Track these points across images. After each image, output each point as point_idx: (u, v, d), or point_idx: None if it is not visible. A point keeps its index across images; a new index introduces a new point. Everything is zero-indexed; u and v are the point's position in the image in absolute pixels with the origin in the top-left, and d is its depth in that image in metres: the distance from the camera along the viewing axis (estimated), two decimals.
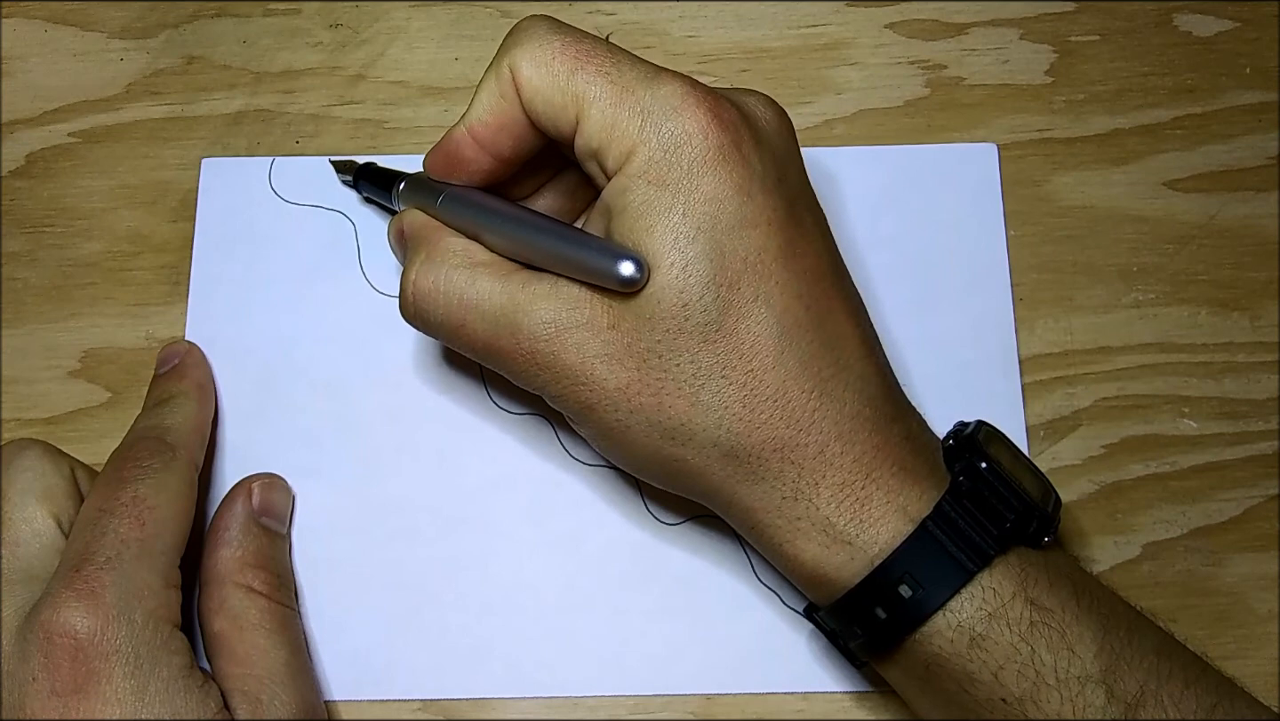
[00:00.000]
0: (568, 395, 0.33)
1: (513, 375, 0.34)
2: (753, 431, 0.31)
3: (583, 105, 0.32)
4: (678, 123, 0.32)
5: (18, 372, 0.42)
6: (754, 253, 0.32)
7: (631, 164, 0.32)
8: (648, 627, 0.39)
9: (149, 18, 0.46)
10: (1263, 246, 0.43)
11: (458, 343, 0.35)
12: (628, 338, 0.32)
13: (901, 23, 0.46)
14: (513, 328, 0.33)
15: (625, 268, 0.31)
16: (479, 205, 0.35)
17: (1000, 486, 0.32)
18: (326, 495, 0.40)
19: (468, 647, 0.39)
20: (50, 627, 0.32)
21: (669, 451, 0.32)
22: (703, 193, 0.31)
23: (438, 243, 0.35)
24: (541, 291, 0.33)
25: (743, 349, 0.31)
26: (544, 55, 0.33)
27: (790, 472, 0.32)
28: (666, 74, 0.33)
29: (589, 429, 0.34)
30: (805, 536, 0.32)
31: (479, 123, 0.34)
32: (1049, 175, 0.44)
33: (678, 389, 0.32)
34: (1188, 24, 0.45)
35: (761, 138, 0.33)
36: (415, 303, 0.35)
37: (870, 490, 0.32)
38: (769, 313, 0.31)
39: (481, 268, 0.34)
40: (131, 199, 0.44)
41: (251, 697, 0.34)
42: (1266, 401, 0.41)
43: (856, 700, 0.38)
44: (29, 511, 0.35)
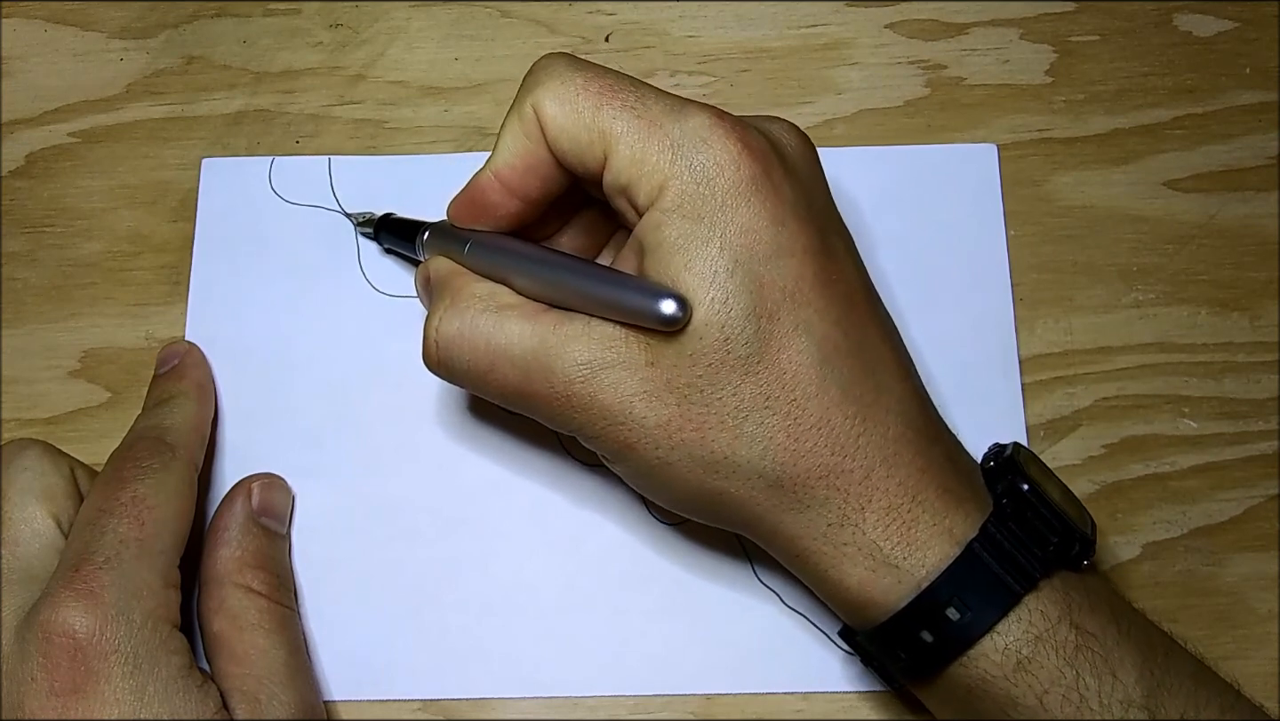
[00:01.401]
0: (606, 435, 0.32)
1: (546, 418, 0.34)
2: (798, 460, 0.31)
3: (610, 141, 0.32)
4: (708, 154, 0.31)
5: (18, 372, 0.42)
6: (791, 281, 0.31)
7: (664, 198, 0.31)
8: (648, 627, 0.39)
9: (149, 18, 0.46)
10: (1263, 246, 0.43)
11: (486, 389, 0.34)
12: (667, 374, 0.31)
13: (901, 23, 0.46)
14: (546, 371, 0.32)
15: (667, 306, 0.30)
16: (507, 250, 0.34)
17: (1043, 509, 0.32)
18: (326, 495, 0.40)
19: (468, 647, 0.39)
20: (49, 627, 0.32)
21: (712, 485, 0.32)
22: (738, 224, 0.31)
23: (462, 288, 0.34)
24: (574, 332, 0.32)
25: (785, 378, 0.31)
26: (567, 92, 0.32)
27: (836, 499, 0.31)
28: (693, 105, 0.32)
29: (627, 467, 0.33)
30: (851, 561, 0.32)
31: (505, 166, 0.34)
32: (1049, 175, 0.44)
33: (720, 422, 0.31)
34: (1188, 24, 0.45)
35: (790, 165, 0.33)
36: (440, 350, 0.34)
37: (916, 513, 0.31)
38: (809, 341, 0.31)
39: (509, 310, 0.33)
40: (131, 199, 0.44)
41: (250, 697, 0.34)
42: (1266, 401, 0.41)
43: (857, 700, 0.38)
44: (29, 511, 0.35)
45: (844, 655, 0.38)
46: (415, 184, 0.44)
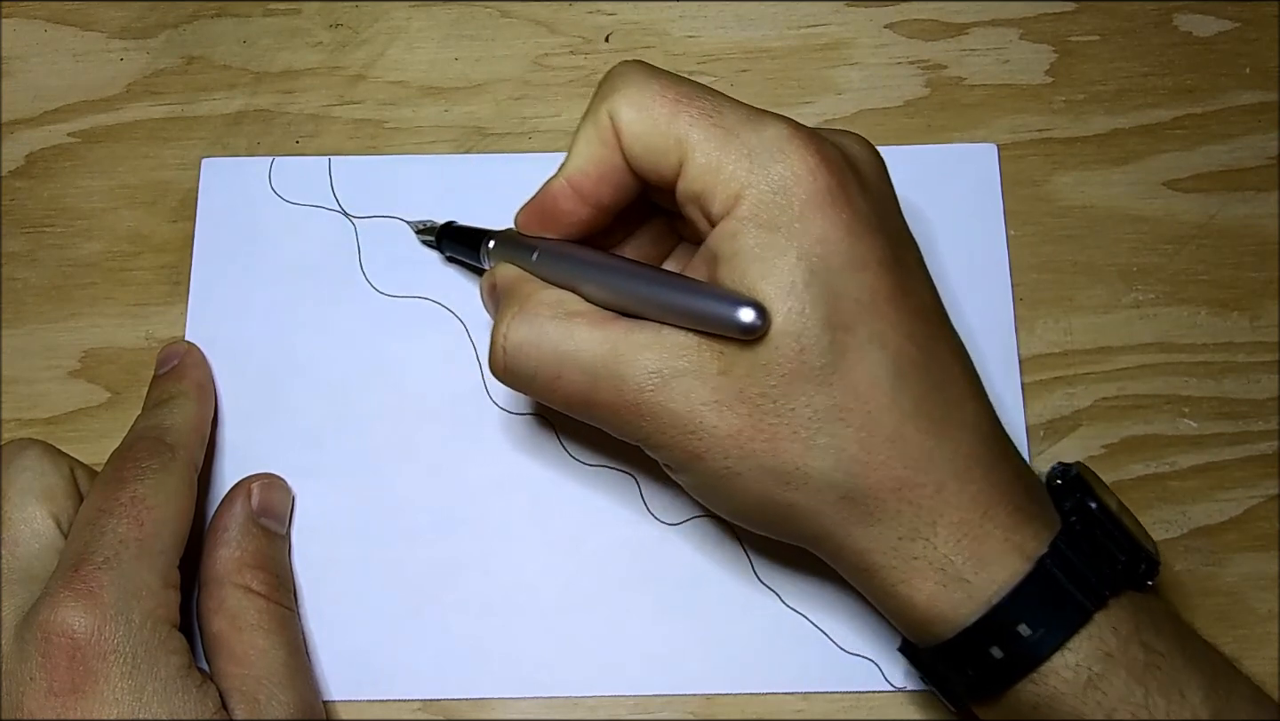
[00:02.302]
0: (674, 444, 0.32)
1: (612, 426, 0.33)
2: (870, 472, 0.31)
3: (686, 149, 0.32)
4: (785, 165, 0.31)
5: (18, 372, 0.42)
6: (866, 294, 0.31)
7: (740, 207, 0.31)
8: (648, 627, 0.39)
9: (149, 18, 0.46)
10: (1262, 246, 0.43)
11: (553, 396, 0.34)
12: (739, 383, 0.31)
13: (901, 23, 0.46)
14: (615, 378, 0.32)
15: (746, 314, 0.30)
16: (577, 257, 0.34)
17: (1111, 527, 0.32)
18: (326, 495, 0.40)
19: (468, 648, 0.39)
20: (48, 627, 0.32)
21: (781, 496, 0.32)
22: (814, 235, 0.31)
23: (530, 294, 0.34)
24: (644, 340, 0.32)
25: (859, 390, 0.31)
26: (644, 99, 0.32)
27: (907, 512, 0.31)
28: (769, 115, 0.32)
29: (694, 477, 0.33)
30: (921, 576, 0.31)
31: (579, 172, 0.34)
32: (1049, 175, 0.44)
33: (793, 433, 0.31)
34: (1188, 24, 0.45)
35: (863, 178, 0.33)
36: (507, 356, 0.34)
37: (988, 528, 0.31)
38: (883, 354, 0.31)
39: (578, 317, 0.33)
40: (131, 199, 0.44)
41: (250, 697, 0.34)
42: (1266, 401, 0.41)
43: (856, 700, 0.38)
44: (28, 511, 0.35)
45: (844, 655, 0.38)
46: (415, 184, 0.44)
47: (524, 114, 0.45)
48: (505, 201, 0.43)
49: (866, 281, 0.31)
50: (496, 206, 0.43)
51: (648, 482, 0.40)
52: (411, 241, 0.43)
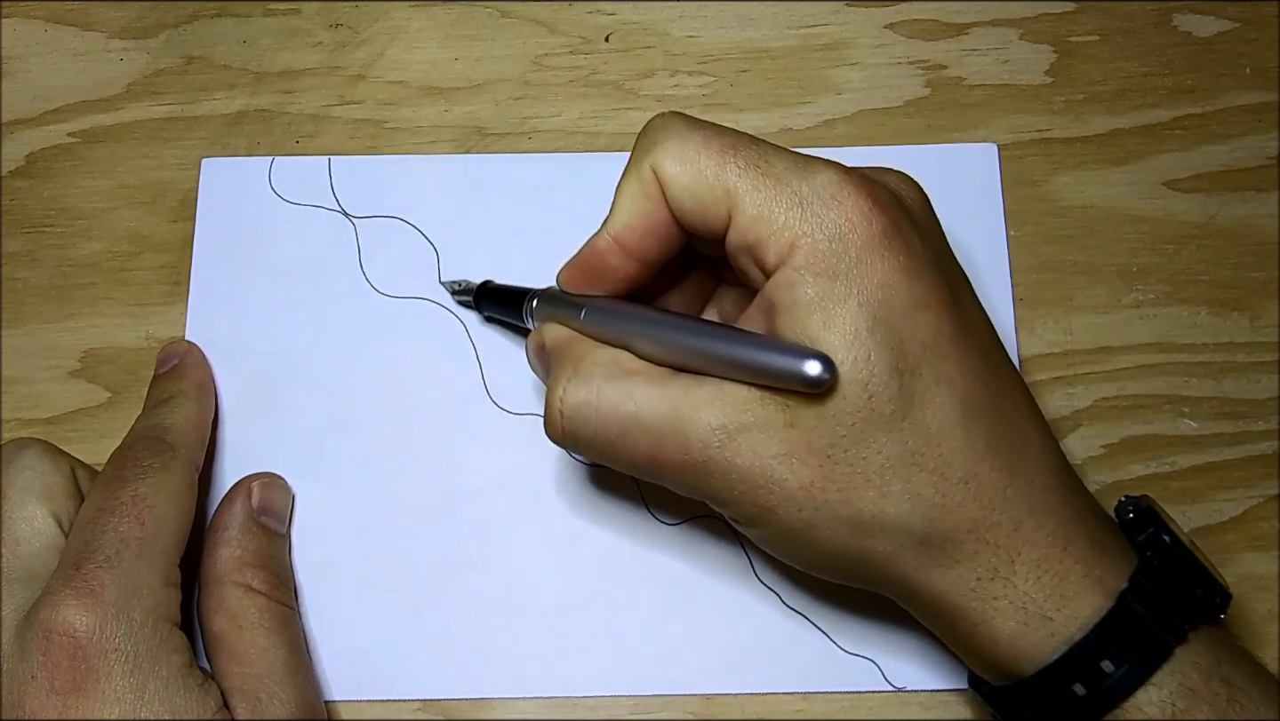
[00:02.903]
0: (745, 499, 0.31)
1: (678, 485, 0.33)
2: (947, 515, 0.30)
3: (735, 199, 0.31)
4: (839, 210, 0.31)
5: (18, 372, 0.42)
6: (930, 335, 0.31)
7: (796, 256, 0.31)
8: (647, 627, 0.39)
9: (149, 18, 0.46)
10: (1262, 246, 0.43)
11: (615, 458, 0.33)
12: (807, 435, 0.30)
13: (901, 23, 0.46)
14: (680, 437, 0.31)
15: (812, 367, 0.29)
16: (628, 314, 0.33)
17: (1186, 561, 0.32)
18: (326, 495, 0.40)
19: (468, 647, 0.39)
20: (49, 626, 0.32)
21: (857, 545, 0.31)
22: (874, 279, 0.30)
23: (584, 355, 0.33)
24: (706, 396, 0.31)
25: (930, 433, 0.30)
26: (688, 152, 0.32)
27: (985, 552, 0.31)
28: (818, 161, 0.32)
29: (766, 531, 0.32)
30: (1003, 615, 0.31)
31: (624, 228, 0.33)
32: (1049, 175, 0.44)
33: (866, 481, 0.30)
34: (1187, 24, 0.45)
35: (914, 218, 0.32)
36: (565, 420, 0.33)
37: (1068, 564, 0.31)
38: (951, 394, 0.31)
39: (636, 376, 0.32)
40: (131, 199, 0.44)
41: (251, 696, 0.34)
42: (1266, 401, 0.41)
43: (856, 700, 0.38)
44: (29, 510, 0.35)
45: (844, 655, 0.38)
46: (415, 184, 0.44)
47: (524, 114, 0.45)
48: (505, 201, 0.43)
49: (929, 323, 0.31)
50: (497, 206, 0.43)
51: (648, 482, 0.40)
52: (411, 241, 0.43)
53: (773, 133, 0.44)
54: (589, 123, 0.45)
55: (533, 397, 0.41)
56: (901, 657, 0.38)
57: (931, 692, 0.38)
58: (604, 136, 0.44)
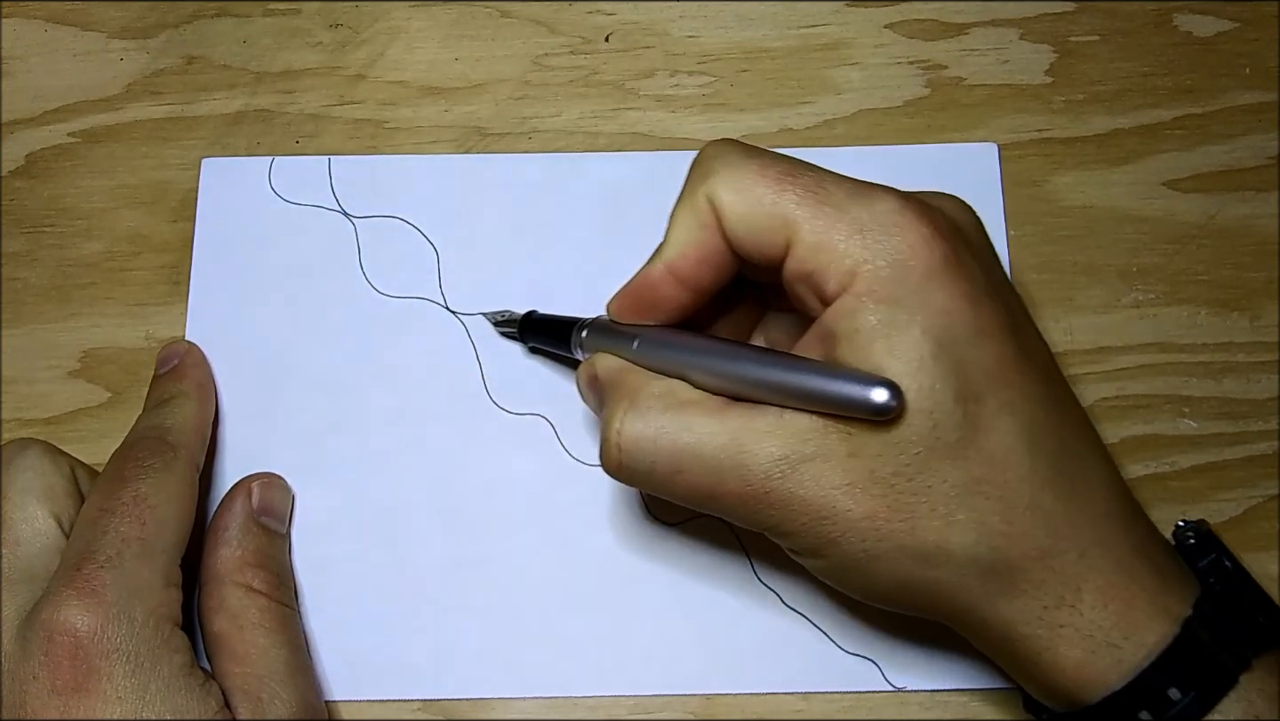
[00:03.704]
0: (806, 531, 0.31)
1: (738, 517, 0.32)
2: (1013, 544, 0.30)
3: (794, 227, 0.31)
4: (900, 237, 0.30)
5: (18, 373, 0.42)
6: (993, 362, 0.30)
7: (856, 284, 0.30)
8: (647, 627, 0.39)
9: (149, 17, 0.46)
10: (1262, 246, 0.43)
11: (672, 490, 0.32)
12: (871, 464, 0.30)
13: (901, 23, 0.46)
14: (740, 469, 0.31)
15: (879, 395, 0.29)
16: (682, 344, 0.33)
17: (1248, 587, 0.32)
18: (326, 495, 0.40)
19: (467, 647, 0.39)
20: (51, 626, 0.32)
21: (921, 575, 0.31)
22: (936, 307, 0.30)
23: (640, 387, 0.33)
24: (766, 426, 0.31)
25: (995, 461, 0.30)
26: (744, 180, 0.31)
27: (1051, 580, 0.30)
28: (876, 188, 0.31)
29: (828, 562, 0.32)
30: (1069, 643, 0.31)
31: (680, 257, 0.33)
32: (1049, 175, 0.44)
33: (931, 510, 0.30)
34: (1187, 24, 0.45)
35: (971, 243, 0.32)
36: (622, 454, 0.32)
37: (1134, 591, 0.30)
38: (1015, 421, 0.30)
39: (692, 407, 0.32)
40: (131, 199, 0.44)
41: (252, 696, 0.34)
42: (1266, 401, 0.41)
43: (856, 700, 0.38)
44: (30, 511, 0.35)
45: (844, 655, 0.38)
46: (415, 184, 0.44)
47: (524, 114, 0.45)
48: (505, 201, 0.44)
49: (991, 350, 0.30)
50: (497, 206, 0.43)
51: None
52: (411, 241, 0.43)
53: (772, 132, 0.44)
54: (589, 122, 0.45)
55: (532, 397, 0.41)
56: (902, 658, 0.38)
57: (931, 692, 0.38)
58: (604, 136, 0.44)
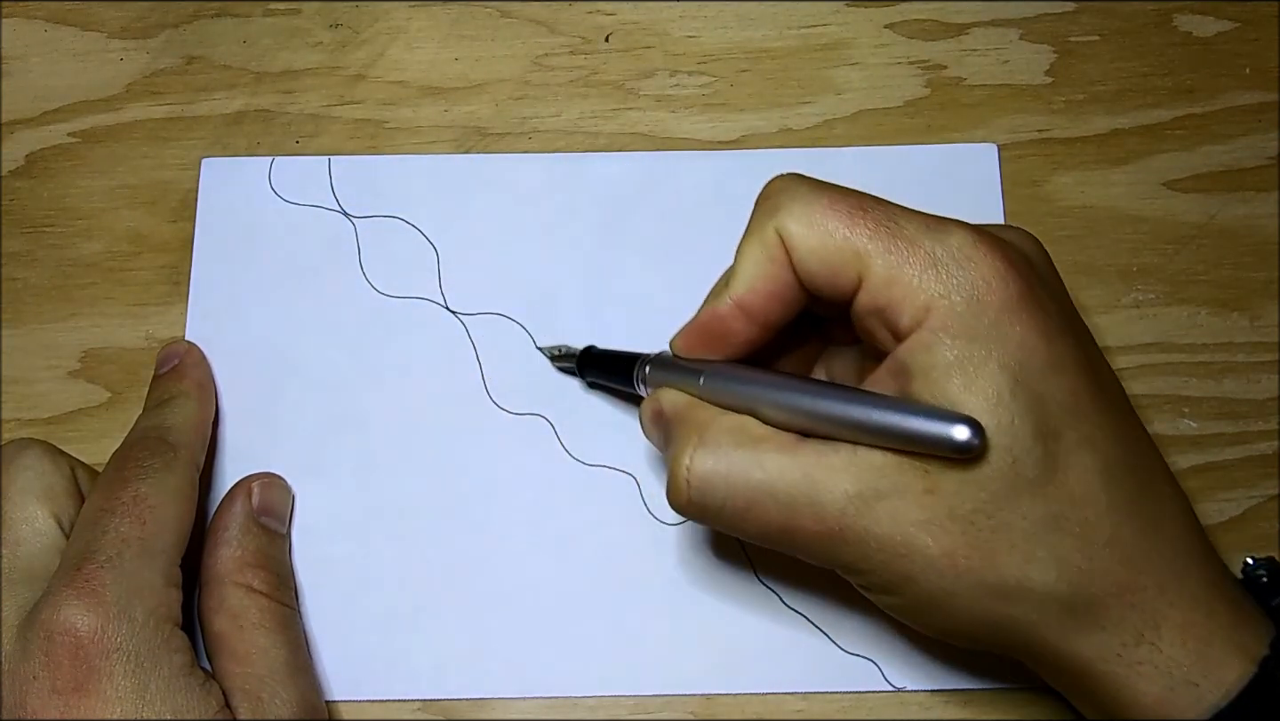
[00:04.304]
0: (882, 568, 0.31)
1: (810, 554, 0.32)
2: (1093, 580, 0.30)
3: (866, 262, 0.31)
4: (975, 272, 0.30)
5: (18, 373, 0.42)
6: (1069, 398, 0.30)
7: (931, 318, 0.30)
8: (647, 627, 0.39)
9: (149, 18, 0.47)
10: (1262, 246, 0.43)
11: (744, 528, 0.32)
12: (949, 501, 0.30)
13: (901, 23, 0.46)
14: (814, 505, 0.30)
15: (960, 432, 0.28)
16: (753, 379, 0.33)
17: None
18: (326, 495, 0.40)
19: (467, 647, 0.39)
20: (51, 626, 0.32)
21: (1000, 611, 0.30)
22: (1013, 342, 0.30)
23: (710, 423, 0.32)
24: (840, 463, 0.30)
25: (1074, 497, 0.30)
26: (814, 214, 0.31)
27: (1131, 616, 0.30)
28: (948, 222, 0.31)
29: (903, 599, 0.31)
30: (1147, 680, 0.30)
31: (749, 292, 0.32)
32: (1049, 175, 0.44)
33: (1011, 547, 0.30)
34: (1187, 24, 0.45)
35: (1042, 277, 0.32)
36: (693, 490, 0.32)
37: (1211, 628, 0.30)
38: (1093, 457, 0.30)
39: (764, 443, 0.31)
40: (132, 199, 0.44)
41: (252, 696, 0.34)
42: (1266, 401, 0.41)
43: (856, 700, 0.38)
44: (30, 511, 0.35)
45: (843, 655, 0.38)
46: (415, 184, 0.44)
47: (524, 114, 0.45)
48: (505, 201, 0.44)
49: (1067, 384, 0.30)
50: (497, 206, 0.43)
51: (648, 482, 0.40)
52: (411, 241, 0.43)
53: (772, 133, 0.44)
54: (589, 122, 0.45)
55: (532, 398, 0.41)
56: (901, 658, 0.38)
57: (931, 692, 0.38)
58: (604, 136, 0.44)
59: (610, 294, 0.42)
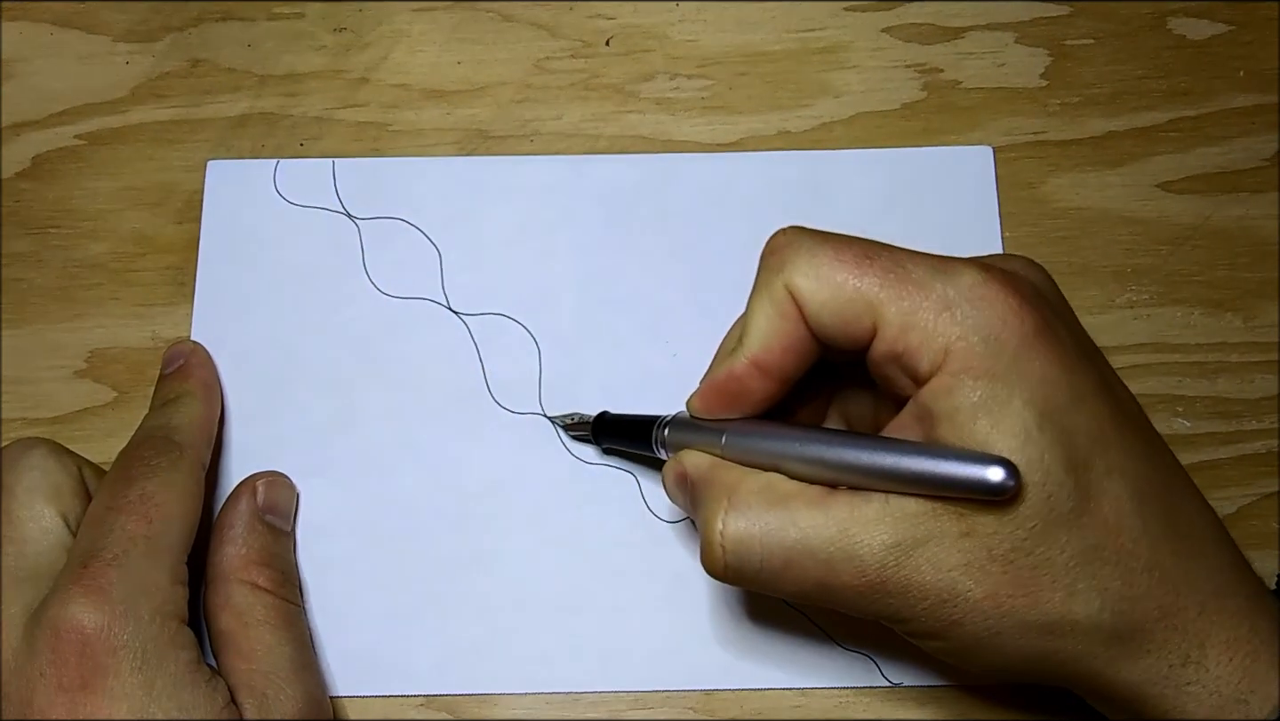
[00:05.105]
0: (926, 616, 0.30)
1: (852, 607, 0.31)
2: (1135, 606, 0.30)
3: (878, 310, 0.31)
4: (990, 311, 0.30)
5: (24, 373, 0.43)
6: (1094, 427, 0.30)
7: (951, 361, 0.30)
8: (648, 624, 0.39)
9: (154, 21, 0.47)
10: (1256, 247, 0.43)
11: (780, 587, 0.32)
12: (987, 542, 0.30)
13: (898, 26, 0.46)
14: (852, 559, 0.30)
15: (995, 474, 0.28)
16: (776, 434, 0.32)
17: None
18: (330, 493, 0.41)
19: (470, 644, 0.39)
20: (58, 623, 0.32)
21: (1045, 646, 0.30)
22: (1034, 377, 0.30)
23: (738, 484, 0.32)
24: (873, 514, 0.30)
25: (1109, 525, 0.30)
26: (821, 267, 0.31)
27: (1175, 639, 0.30)
28: (954, 261, 0.31)
29: (947, 643, 0.31)
30: (1196, 701, 0.30)
31: (763, 350, 0.32)
32: (1044, 177, 0.44)
33: (1053, 582, 0.30)
34: (1182, 27, 0.46)
35: (1054, 307, 0.32)
36: (729, 554, 0.32)
37: (1255, 644, 0.30)
38: (1124, 484, 0.30)
39: (794, 500, 0.31)
40: (137, 200, 0.45)
41: (258, 693, 0.34)
42: (1260, 401, 0.41)
43: (854, 695, 0.39)
44: (36, 509, 0.35)
45: (842, 651, 0.39)
46: (418, 186, 0.44)
47: (525, 116, 0.45)
48: (507, 203, 0.44)
49: (1091, 413, 0.30)
50: (499, 208, 0.44)
51: (648, 482, 0.41)
52: (414, 242, 0.43)
53: (770, 135, 0.44)
54: (590, 125, 0.45)
55: (533, 397, 0.42)
56: (898, 654, 0.39)
57: (927, 688, 0.39)
58: (604, 139, 0.45)
59: (611, 294, 0.43)
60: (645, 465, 0.41)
